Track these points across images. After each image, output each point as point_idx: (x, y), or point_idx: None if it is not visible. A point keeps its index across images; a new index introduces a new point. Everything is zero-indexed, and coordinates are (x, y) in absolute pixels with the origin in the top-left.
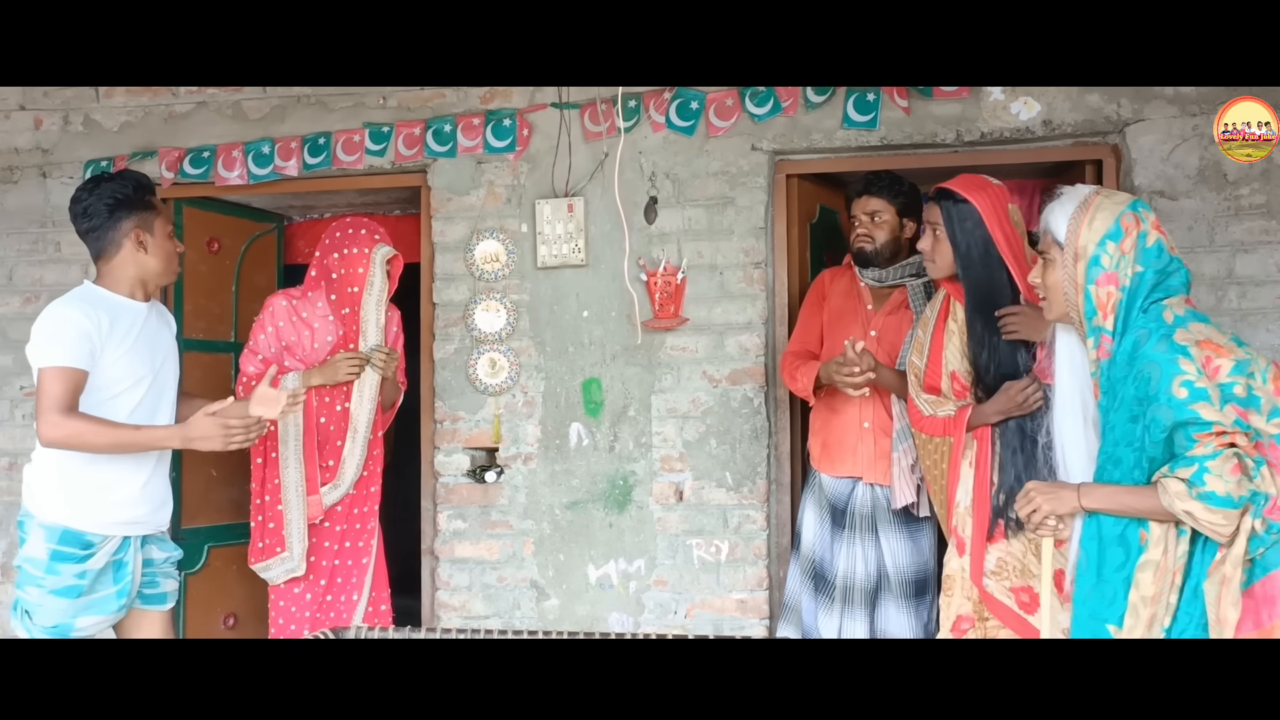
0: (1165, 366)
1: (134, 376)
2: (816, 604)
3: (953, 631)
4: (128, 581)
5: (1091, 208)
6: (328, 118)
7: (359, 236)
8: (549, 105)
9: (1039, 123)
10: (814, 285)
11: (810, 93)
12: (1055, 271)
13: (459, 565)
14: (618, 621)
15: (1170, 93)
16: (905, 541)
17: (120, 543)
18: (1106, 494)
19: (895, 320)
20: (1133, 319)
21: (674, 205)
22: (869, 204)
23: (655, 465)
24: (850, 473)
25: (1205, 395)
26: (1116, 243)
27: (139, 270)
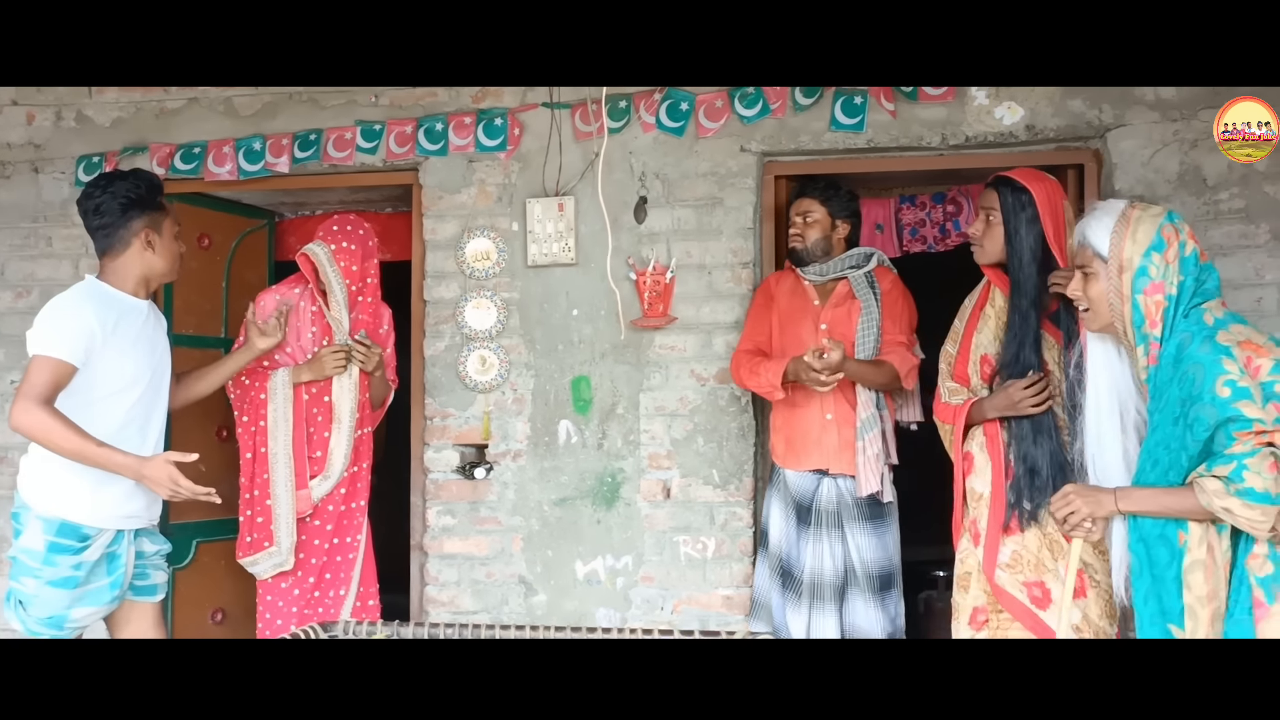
0: (1209, 367)
1: (130, 376)
2: (785, 600)
3: (971, 624)
4: (121, 573)
5: (1132, 221)
6: (319, 115)
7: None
8: (540, 105)
9: (1022, 127)
10: (761, 287)
11: (798, 95)
12: (1098, 284)
13: (448, 561)
14: (605, 617)
15: (1151, 98)
16: (871, 537)
17: (115, 535)
18: (1144, 496)
19: (844, 311)
20: (1176, 324)
21: (663, 205)
22: (801, 205)
23: (643, 462)
24: (816, 465)
25: (1248, 394)
26: (1160, 254)
27: (144, 269)
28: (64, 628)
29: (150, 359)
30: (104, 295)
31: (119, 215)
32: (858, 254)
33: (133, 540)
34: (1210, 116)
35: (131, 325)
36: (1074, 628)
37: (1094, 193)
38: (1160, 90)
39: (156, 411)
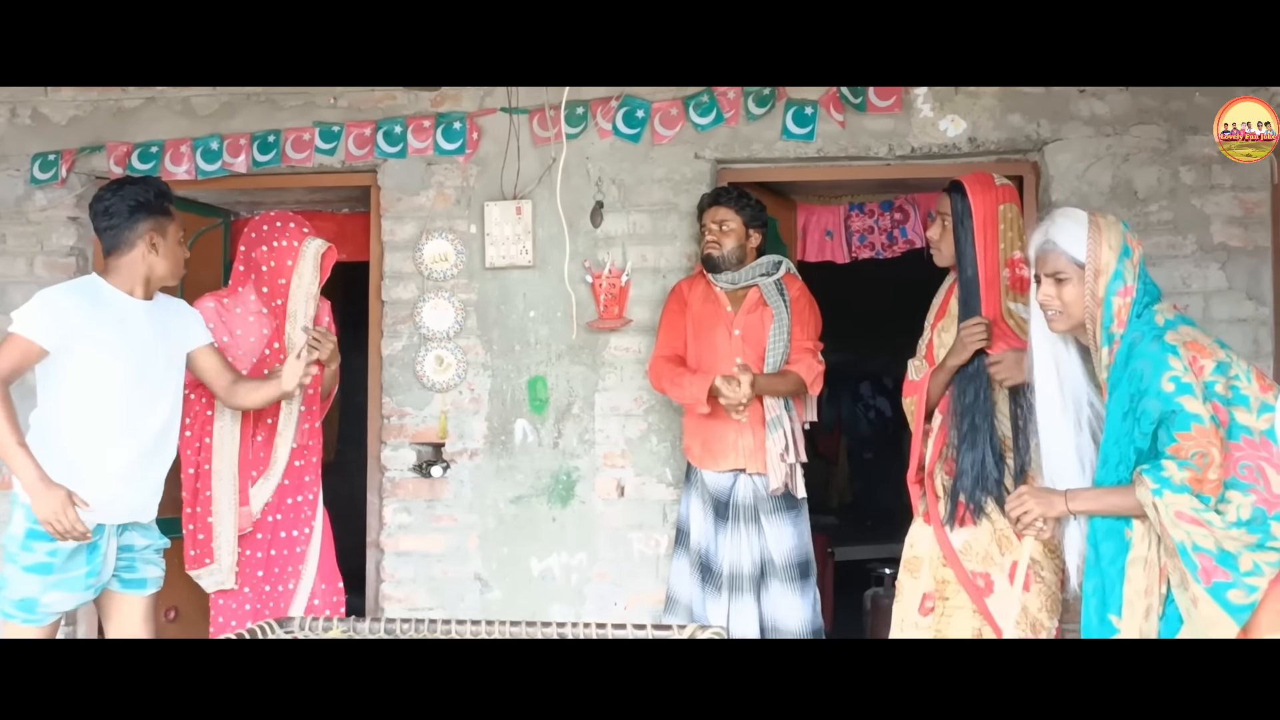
0: (1157, 363)
1: (117, 375)
2: (705, 594)
3: (920, 610)
4: (99, 564)
5: (1104, 228)
6: (277, 115)
7: (288, 230)
8: (499, 110)
9: (965, 139)
10: (673, 293)
11: (751, 104)
12: (1073, 288)
13: (404, 558)
14: (559, 613)
15: (1086, 114)
16: (787, 527)
17: (96, 527)
18: (1091, 497)
19: (756, 318)
20: (1130, 324)
21: (619, 210)
22: (717, 214)
23: (598, 461)
24: (733, 466)
25: (1191, 390)
26: (1129, 258)
27: (146, 270)
28: (36, 612)
29: (144, 357)
30: (98, 290)
31: (126, 217)
32: (767, 262)
33: (116, 533)
34: (1142, 133)
35: (124, 324)
36: (1011, 618)
37: (1032, 204)
38: (1094, 105)
39: (152, 416)
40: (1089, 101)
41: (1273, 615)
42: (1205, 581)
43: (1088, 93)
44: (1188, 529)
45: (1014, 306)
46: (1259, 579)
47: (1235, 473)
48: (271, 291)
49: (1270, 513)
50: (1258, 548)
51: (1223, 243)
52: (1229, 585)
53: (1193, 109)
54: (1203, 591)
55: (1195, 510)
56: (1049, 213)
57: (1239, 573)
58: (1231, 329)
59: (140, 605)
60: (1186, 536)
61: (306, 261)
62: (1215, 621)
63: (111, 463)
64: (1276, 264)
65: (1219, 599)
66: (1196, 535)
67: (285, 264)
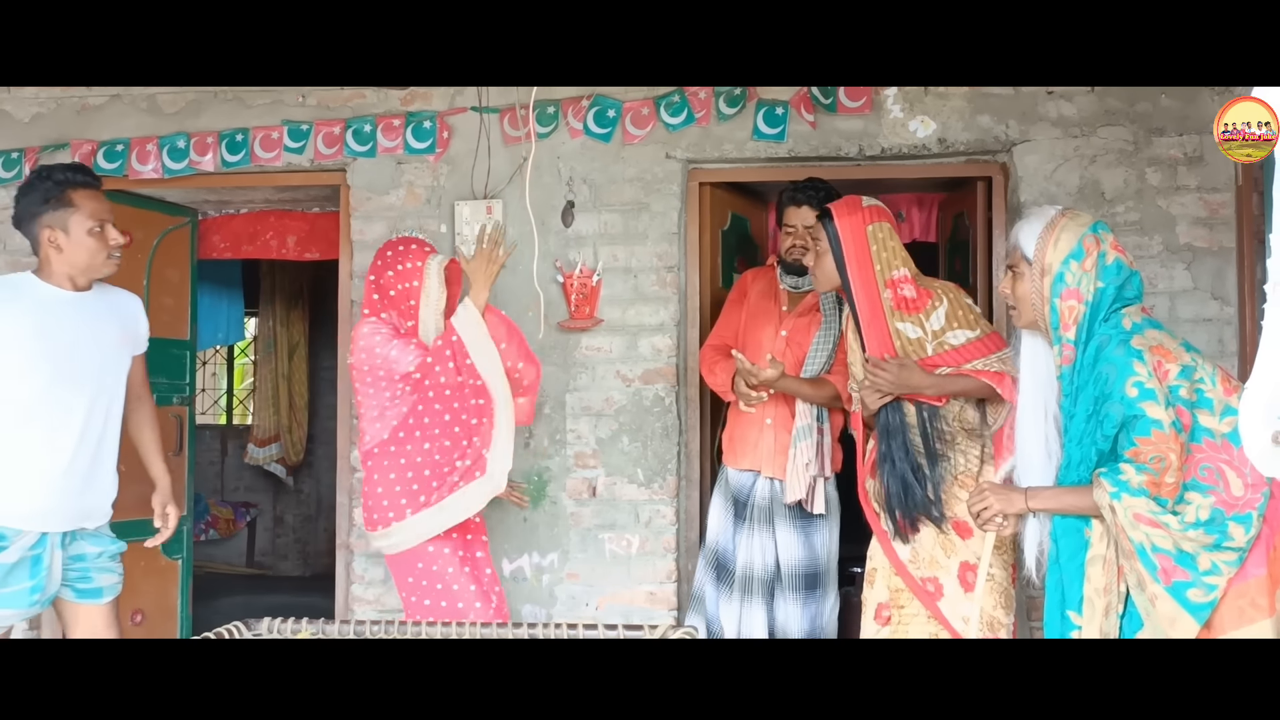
0: (1121, 368)
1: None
2: (718, 593)
3: (876, 619)
4: (43, 578)
5: (1057, 228)
6: (244, 114)
7: (410, 251)
8: (469, 109)
9: (934, 140)
10: (737, 284)
11: (722, 105)
12: (1024, 284)
13: (374, 560)
14: (530, 614)
15: (1054, 115)
16: (798, 536)
17: (38, 538)
18: (1051, 495)
19: (805, 322)
20: (1095, 328)
21: (590, 210)
22: (806, 216)
23: (569, 461)
24: (751, 466)
25: (1153, 395)
26: (1079, 261)
27: (62, 266)
28: None
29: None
30: (21, 285)
31: (22, 220)
32: None
33: (60, 544)
34: (1108, 134)
35: (45, 317)
36: (963, 619)
37: (1001, 204)
38: (1062, 107)
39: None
40: (1057, 103)
41: (1234, 612)
42: (1165, 581)
43: (1055, 95)
44: (1146, 530)
45: (901, 326)
46: (1217, 578)
47: (1196, 475)
48: (402, 314)
49: (1229, 514)
50: (1215, 548)
51: (1188, 243)
52: (1188, 584)
53: (1158, 111)
54: (1162, 590)
55: (1153, 512)
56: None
57: (1198, 572)
58: (1197, 328)
59: (100, 614)
60: (1145, 538)
61: (431, 279)
62: (1175, 620)
63: (45, 466)
64: (1241, 264)
65: (1179, 598)
66: (1155, 536)
67: (412, 284)
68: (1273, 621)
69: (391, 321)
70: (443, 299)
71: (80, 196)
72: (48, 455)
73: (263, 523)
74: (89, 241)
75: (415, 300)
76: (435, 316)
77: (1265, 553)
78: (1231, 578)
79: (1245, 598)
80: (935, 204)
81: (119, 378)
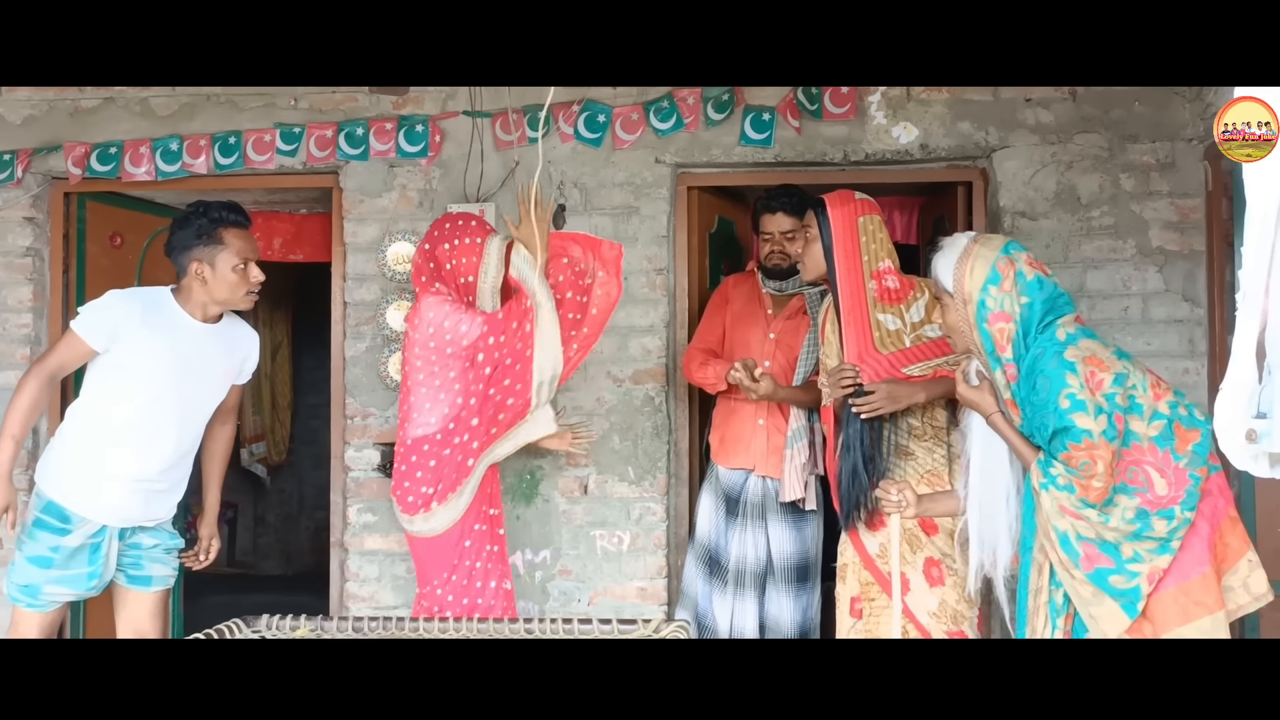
0: (1055, 381)
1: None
2: (710, 588)
3: (850, 613)
4: (100, 565)
5: (971, 257)
6: (237, 117)
7: (470, 227)
8: (461, 113)
9: (917, 146)
10: (719, 289)
11: (710, 110)
12: (950, 314)
13: (368, 557)
14: (523, 610)
15: (1032, 122)
16: (790, 530)
17: (99, 528)
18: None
19: (793, 324)
20: (1031, 340)
21: (581, 213)
22: (782, 223)
23: (561, 460)
24: (743, 465)
25: (1084, 406)
26: (997, 285)
27: (203, 297)
28: (39, 599)
29: (189, 381)
30: (160, 302)
31: (175, 249)
32: None
33: (119, 536)
34: (1084, 140)
35: (176, 341)
36: (931, 614)
37: (981, 208)
38: (1040, 114)
39: (182, 434)
40: (1034, 110)
41: (1178, 610)
42: (1087, 568)
43: (1034, 101)
44: (1071, 521)
45: (882, 317)
46: (1139, 565)
47: (1125, 478)
48: (457, 290)
49: (1152, 511)
50: (1136, 537)
51: (1160, 246)
52: (1110, 571)
53: (1132, 117)
54: (1083, 577)
55: (1076, 507)
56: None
57: (1121, 559)
58: (1169, 330)
59: (147, 601)
60: (1070, 527)
61: (491, 257)
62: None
63: (126, 473)
64: (1211, 267)
65: (1100, 584)
66: (1079, 527)
67: (471, 260)
68: (1223, 615)
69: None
70: (500, 278)
71: (230, 235)
72: (132, 466)
73: (243, 522)
74: (232, 277)
75: (473, 276)
76: (493, 295)
77: (1208, 550)
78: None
79: (1189, 596)
80: (916, 208)
81: (214, 405)
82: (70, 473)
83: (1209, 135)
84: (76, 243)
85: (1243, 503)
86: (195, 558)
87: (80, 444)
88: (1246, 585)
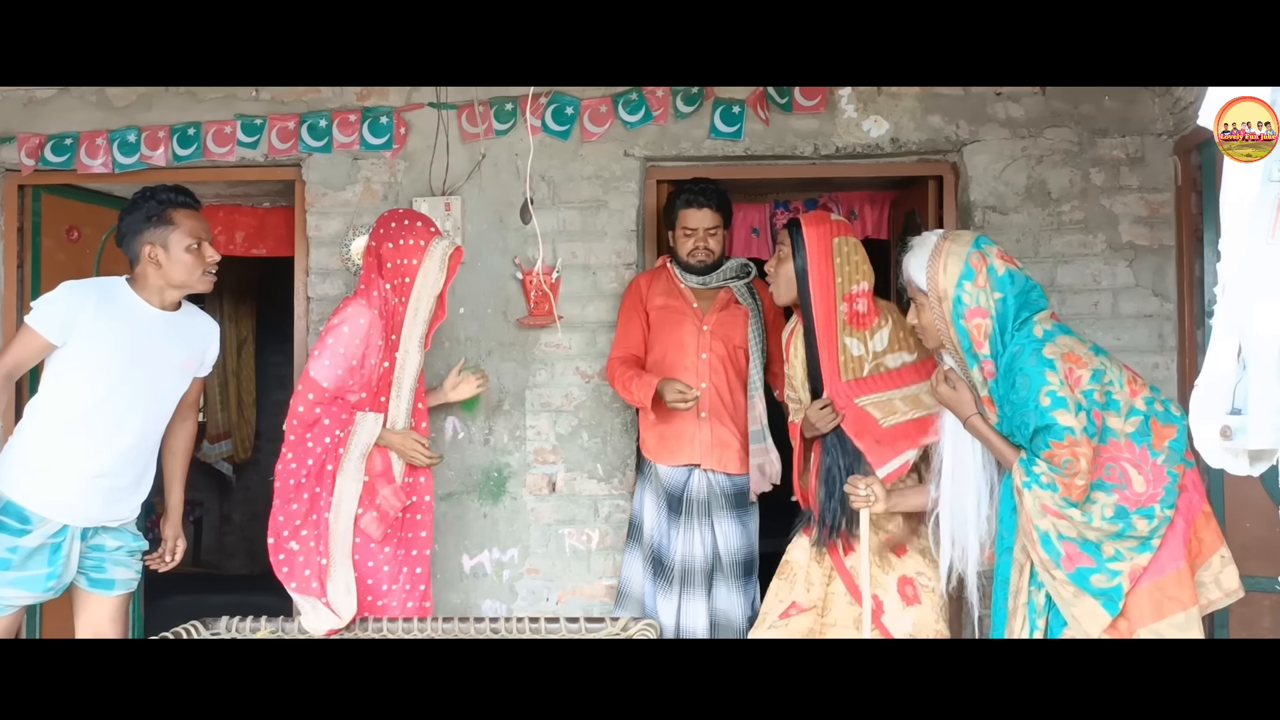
0: (1034, 379)
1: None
2: (656, 588)
3: (782, 616)
4: (60, 566)
5: (943, 254)
6: (196, 108)
7: (415, 228)
8: (426, 105)
9: (887, 140)
10: (630, 291)
11: (680, 103)
12: (926, 314)
13: None
14: (491, 609)
15: (1003, 116)
16: (735, 525)
17: (60, 528)
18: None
19: (729, 315)
20: (1009, 337)
21: (549, 207)
22: (704, 218)
23: (529, 457)
24: (687, 461)
25: (1064, 403)
26: (971, 281)
27: (159, 281)
28: None
29: (147, 370)
30: (115, 292)
31: (126, 233)
32: (735, 265)
33: (80, 536)
34: (1054, 135)
35: (133, 330)
36: (907, 634)
37: (952, 202)
38: (1010, 108)
39: (142, 424)
40: (1005, 104)
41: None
42: (1068, 568)
43: (1004, 96)
44: (1053, 520)
45: (848, 341)
46: (1121, 564)
47: (1101, 474)
48: (396, 289)
49: (1131, 509)
50: (1119, 536)
51: (1130, 241)
52: (1092, 570)
53: (1102, 112)
54: (1064, 577)
55: (1059, 506)
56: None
57: (1102, 559)
58: (1139, 324)
59: (108, 606)
60: (1052, 526)
61: (433, 261)
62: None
63: (86, 468)
64: (1180, 262)
65: (1081, 583)
66: (1061, 526)
67: (412, 261)
68: (1196, 611)
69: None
70: (440, 282)
71: (180, 215)
72: (91, 460)
73: (209, 521)
74: (186, 258)
75: (411, 278)
76: (429, 299)
77: (1183, 546)
78: (1143, 565)
79: (1163, 591)
80: (887, 202)
81: (176, 397)
82: (29, 471)
83: (1178, 130)
84: (31, 236)
85: (1211, 498)
86: (161, 559)
87: (39, 441)
88: (1218, 581)
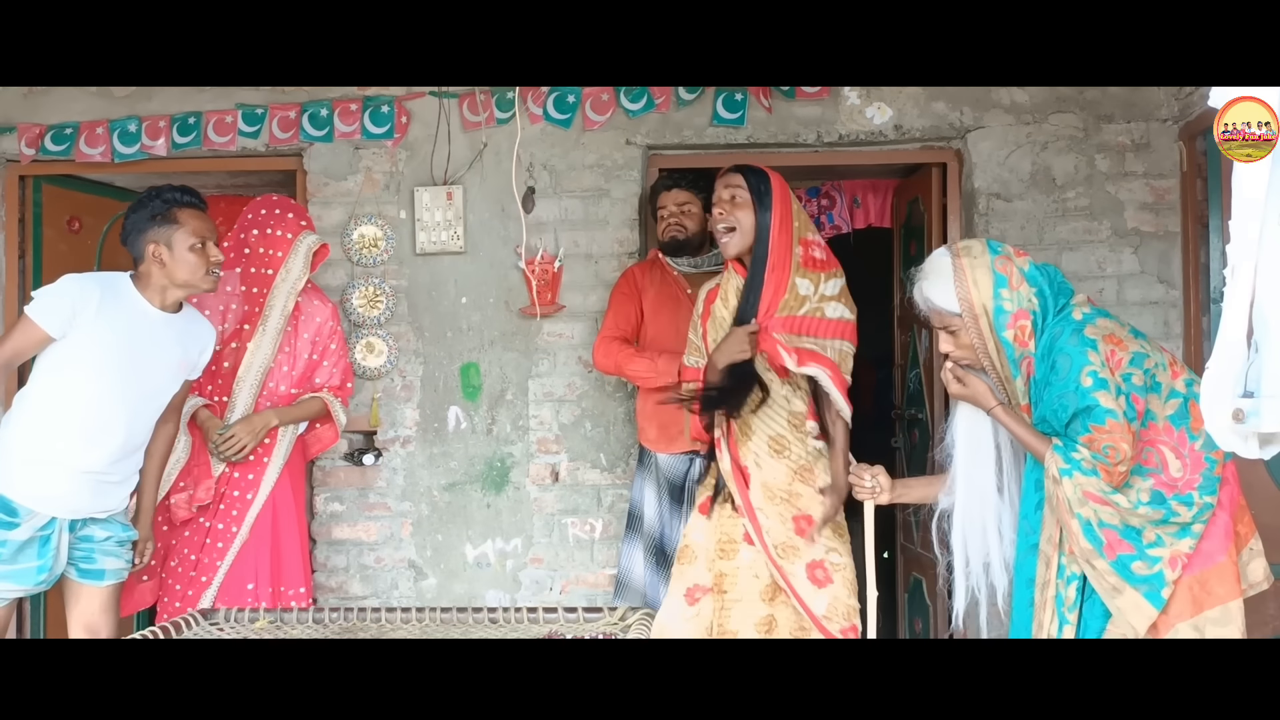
0: (1076, 359)
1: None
2: (659, 578)
3: (686, 597)
4: (50, 559)
5: (967, 271)
6: (197, 97)
7: (285, 220)
8: (427, 94)
9: (891, 127)
10: (625, 277)
11: (682, 91)
12: (964, 336)
13: (336, 547)
14: (494, 599)
15: (1007, 102)
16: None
17: (48, 520)
18: (1015, 418)
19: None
20: (1049, 324)
21: (551, 195)
22: (678, 196)
23: (532, 447)
24: (689, 449)
25: (1106, 385)
26: (1006, 287)
27: (162, 281)
28: None
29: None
30: (119, 288)
31: (130, 232)
32: None
33: (69, 527)
34: (1060, 120)
35: (133, 329)
36: (824, 616)
37: (956, 189)
38: (1014, 94)
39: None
40: (1009, 90)
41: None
42: (1110, 556)
43: None
44: (1095, 507)
45: (799, 280)
46: (1160, 549)
47: (1139, 459)
48: (256, 279)
49: (1169, 494)
50: (1162, 523)
51: (1135, 228)
52: (1132, 558)
53: (1107, 98)
54: (1107, 565)
55: (1102, 491)
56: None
57: (1142, 545)
58: (1144, 311)
59: (98, 595)
60: (1094, 514)
61: (297, 257)
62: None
63: (75, 464)
64: (1186, 248)
65: (1123, 572)
66: (1103, 513)
67: (276, 254)
68: (1235, 606)
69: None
70: (303, 280)
71: (186, 215)
72: (80, 456)
73: None
74: (190, 257)
75: (273, 271)
76: (288, 297)
77: (1226, 539)
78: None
79: (1203, 585)
80: (890, 189)
81: (167, 398)
82: (17, 464)
83: (1183, 116)
84: (32, 227)
85: None
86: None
87: (28, 434)
88: (1244, 572)
